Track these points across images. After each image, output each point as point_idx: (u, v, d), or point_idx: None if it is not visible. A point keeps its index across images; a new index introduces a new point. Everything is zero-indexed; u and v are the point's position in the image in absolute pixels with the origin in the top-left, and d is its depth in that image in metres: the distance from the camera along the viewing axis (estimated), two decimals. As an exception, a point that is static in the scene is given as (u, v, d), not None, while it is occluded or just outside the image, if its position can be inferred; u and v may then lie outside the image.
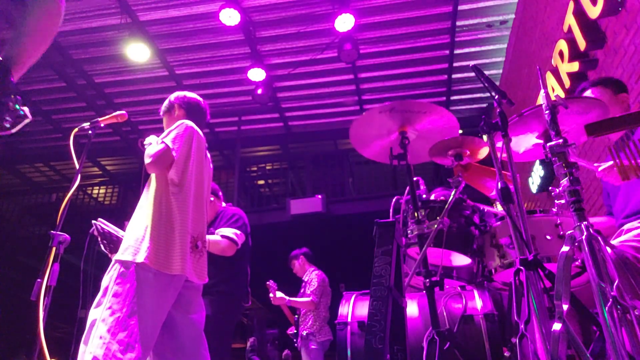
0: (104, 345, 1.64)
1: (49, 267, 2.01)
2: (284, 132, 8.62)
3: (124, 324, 1.68)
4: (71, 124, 2.19)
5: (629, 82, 3.25)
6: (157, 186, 1.93)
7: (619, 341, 1.16)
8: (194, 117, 2.24)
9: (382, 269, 1.76)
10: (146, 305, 1.74)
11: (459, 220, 2.28)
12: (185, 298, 1.94)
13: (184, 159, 1.99)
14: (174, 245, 1.84)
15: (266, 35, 6.34)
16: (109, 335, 1.65)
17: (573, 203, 1.40)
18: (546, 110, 1.54)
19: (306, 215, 7.65)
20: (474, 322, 2.11)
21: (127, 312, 1.70)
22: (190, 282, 1.96)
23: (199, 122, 2.19)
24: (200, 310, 2.02)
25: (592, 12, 3.37)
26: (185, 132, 2.03)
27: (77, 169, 2.33)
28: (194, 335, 1.93)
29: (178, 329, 1.89)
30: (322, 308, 4.58)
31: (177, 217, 1.89)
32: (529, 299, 1.38)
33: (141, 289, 1.75)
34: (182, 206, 1.92)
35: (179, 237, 1.86)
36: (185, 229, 1.90)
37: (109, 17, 5.86)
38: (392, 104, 2.10)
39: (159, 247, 1.81)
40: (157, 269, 1.78)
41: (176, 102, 2.31)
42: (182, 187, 1.94)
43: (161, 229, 1.84)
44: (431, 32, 6.34)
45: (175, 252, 1.83)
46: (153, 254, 1.78)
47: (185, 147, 2.00)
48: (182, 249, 1.85)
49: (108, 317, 1.69)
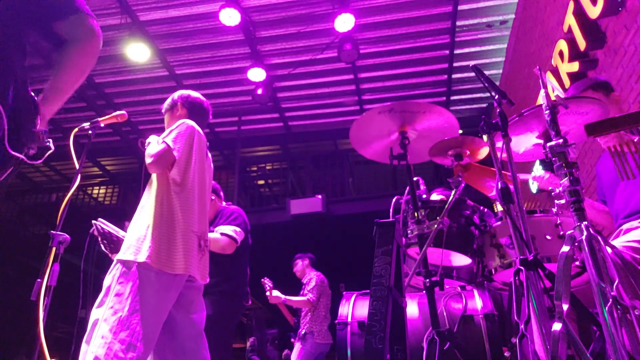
0: (106, 345, 1.64)
1: (49, 267, 2.01)
2: (284, 132, 8.62)
3: (125, 324, 1.68)
4: (71, 124, 2.19)
5: (628, 82, 3.26)
6: (159, 186, 1.93)
7: (619, 341, 1.16)
8: (196, 117, 2.25)
9: (382, 269, 1.76)
10: (148, 305, 1.74)
11: (459, 220, 2.28)
12: (186, 298, 1.94)
13: (186, 159, 1.99)
14: (176, 245, 1.84)
15: (266, 35, 6.34)
16: (110, 335, 1.66)
17: (573, 203, 1.40)
18: (546, 110, 1.54)
19: (306, 215, 7.65)
20: (474, 322, 2.11)
21: (129, 311, 1.70)
22: (192, 282, 1.96)
23: (200, 122, 2.19)
24: (201, 310, 2.02)
25: (592, 12, 3.37)
26: (186, 132, 2.03)
27: (77, 169, 2.33)
28: (194, 335, 1.93)
29: (178, 329, 1.89)
30: (321, 308, 4.56)
31: (179, 217, 1.89)
32: (529, 299, 1.38)
33: (143, 289, 1.75)
34: (185, 205, 1.92)
35: (181, 236, 1.86)
36: (190, 228, 1.90)
37: (109, 17, 5.85)
38: (391, 104, 2.10)
39: (161, 246, 1.81)
40: (159, 268, 1.78)
41: (179, 101, 2.31)
42: (185, 186, 1.95)
43: (163, 228, 1.84)
44: (431, 32, 6.34)
45: (177, 251, 1.83)
46: (155, 254, 1.78)
47: (187, 146, 2.00)
48: (185, 248, 1.85)
49: (110, 316, 1.70)
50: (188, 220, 1.91)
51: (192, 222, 1.92)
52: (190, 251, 1.87)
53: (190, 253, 1.87)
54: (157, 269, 1.78)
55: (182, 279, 1.87)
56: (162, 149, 1.91)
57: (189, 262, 1.84)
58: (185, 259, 1.83)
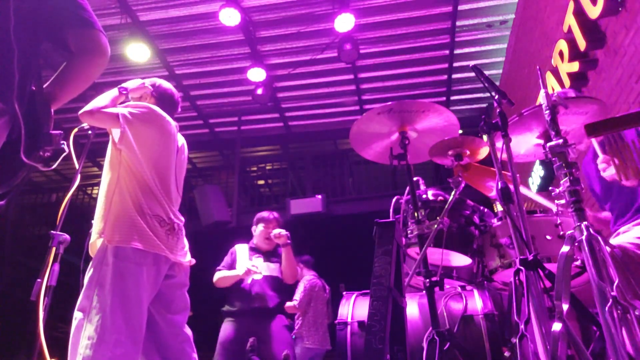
0: (93, 345, 1.64)
1: (49, 267, 2.01)
2: (284, 132, 8.61)
3: (109, 320, 1.68)
4: (71, 124, 2.18)
5: (628, 82, 3.25)
6: (116, 168, 1.98)
7: (619, 341, 1.16)
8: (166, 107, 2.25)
9: (382, 269, 1.76)
10: (130, 298, 1.74)
11: (459, 220, 2.28)
12: (165, 297, 1.94)
13: (142, 140, 2.00)
14: (144, 224, 1.86)
15: (266, 35, 6.34)
16: (96, 335, 1.66)
17: (573, 203, 1.40)
18: (546, 110, 1.54)
19: (306, 215, 7.64)
20: (474, 322, 2.11)
21: (111, 307, 1.70)
22: (171, 278, 1.96)
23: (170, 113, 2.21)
24: (184, 310, 2.01)
25: (592, 12, 3.37)
26: (147, 112, 2.06)
27: (77, 169, 2.32)
28: (176, 335, 1.93)
29: (160, 330, 1.90)
30: (310, 313, 4.52)
31: (140, 198, 1.91)
32: (529, 299, 1.38)
33: (124, 280, 1.75)
34: (146, 188, 1.94)
35: (147, 218, 1.88)
36: (144, 208, 1.90)
37: (109, 17, 5.85)
38: (391, 104, 2.10)
39: (130, 226, 1.83)
40: (134, 248, 1.79)
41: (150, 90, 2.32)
42: (141, 168, 1.97)
43: (119, 208, 1.87)
44: (431, 32, 6.34)
45: (141, 230, 1.85)
46: (125, 234, 1.80)
47: (143, 126, 2.01)
48: (148, 226, 1.86)
49: (94, 316, 1.70)
50: (144, 202, 1.91)
51: (148, 204, 1.92)
52: (153, 229, 1.87)
53: (154, 231, 1.87)
54: (131, 249, 1.79)
55: (160, 266, 1.87)
56: (110, 111, 1.96)
57: (157, 239, 1.86)
58: (153, 237, 1.85)
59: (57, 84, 1.35)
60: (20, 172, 1.23)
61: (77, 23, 1.33)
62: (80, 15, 1.33)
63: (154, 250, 1.85)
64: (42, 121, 1.26)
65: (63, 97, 1.35)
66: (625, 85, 3.29)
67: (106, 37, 1.38)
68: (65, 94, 1.36)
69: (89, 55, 1.36)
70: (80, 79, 1.38)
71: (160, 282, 1.90)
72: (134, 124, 1.99)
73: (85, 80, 1.38)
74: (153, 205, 1.93)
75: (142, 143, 1.99)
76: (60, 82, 1.36)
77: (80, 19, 1.33)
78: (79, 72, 1.37)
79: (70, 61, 1.36)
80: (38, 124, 1.25)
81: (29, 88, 1.26)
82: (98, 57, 1.36)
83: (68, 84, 1.37)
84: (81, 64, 1.37)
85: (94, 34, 1.35)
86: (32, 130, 1.21)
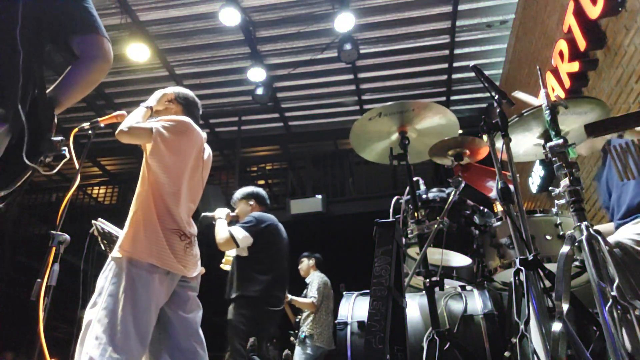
0: (100, 346, 1.65)
1: (49, 267, 2.01)
2: (284, 132, 8.62)
3: (118, 324, 1.69)
4: (71, 124, 2.19)
5: (629, 82, 3.25)
6: (142, 182, 1.97)
7: (619, 341, 1.16)
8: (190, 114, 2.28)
9: (382, 269, 1.76)
10: (140, 302, 1.75)
11: (459, 220, 2.28)
12: (181, 297, 1.96)
13: (174, 156, 2.01)
14: (162, 240, 1.86)
15: (266, 35, 6.34)
16: (104, 336, 1.67)
17: (573, 203, 1.40)
18: (546, 110, 1.54)
19: (306, 215, 7.64)
20: (474, 322, 2.11)
21: (121, 311, 1.71)
22: (187, 282, 1.98)
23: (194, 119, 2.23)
24: (197, 310, 2.03)
25: (592, 12, 3.37)
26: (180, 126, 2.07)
27: (77, 169, 2.32)
28: (189, 335, 1.93)
29: (174, 329, 1.90)
30: (323, 311, 4.55)
31: (163, 213, 1.91)
32: (529, 299, 1.38)
33: (134, 286, 1.76)
34: (171, 201, 1.94)
35: (168, 233, 1.88)
36: (168, 225, 1.91)
37: (109, 17, 5.85)
38: (391, 104, 2.10)
39: (149, 242, 1.83)
40: (149, 263, 1.80)
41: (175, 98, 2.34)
42: (171, 182, 1.97)
43: (148, 224, 1.87)
44: (431, 32, 6.34)
45: (163, 246, 1.85)
46: (143, 249, 1.81)
47: (176, 141, 2.02)
48: (169, 243, 1.87)
49: (103, 317, 1.71)
50: (169, 217, 1.92)
51: (173, 218, 1.93)
52: (172, 246, 1.88)
53: (173, 248, 1.88)
54: (147, 263, 1.80)
55: (174, 276, 1.89)
56: (144, 126, 1.97)
57: (174, 257, 1.87)
58: (171, 254, 1.86)
59: (60, 89, 1.36)
60: (22, 176, 1.23)
61: (82, 28, 1.34)
62: (85, 20, 1.34)
63: (169, 268, 1.87)
64: (44, 126, 1.27)
65: (66, 102, 1.36)
66: (625, 85, 3.29)
67: (110, 43, 1.39)
68: (69, 99, 1.37)
69: (93, 61, 1.37)
70: (84, 84, 1.39)
71: (172, 289, 1.92)
72: (166, 137, 2.00)
73: (88, 85, 1.40)
74: (177, 219, 1.94)
75: (173, 155, 2.00)
76: (63, 87, 1.37)
77: (85, 24, 1.34)
78: (82, 78, 1.39)
79: (74, 66, 1.37)
80: (40, 129, 1.25)
81: (32, 92, 1.26)
82: (102, 63, 1.38)
83: (71, 89, 1.38)
84: (85, 70, 1.38)
85: (99, 40, 1.36)
86: (35, 136, 1.22)
